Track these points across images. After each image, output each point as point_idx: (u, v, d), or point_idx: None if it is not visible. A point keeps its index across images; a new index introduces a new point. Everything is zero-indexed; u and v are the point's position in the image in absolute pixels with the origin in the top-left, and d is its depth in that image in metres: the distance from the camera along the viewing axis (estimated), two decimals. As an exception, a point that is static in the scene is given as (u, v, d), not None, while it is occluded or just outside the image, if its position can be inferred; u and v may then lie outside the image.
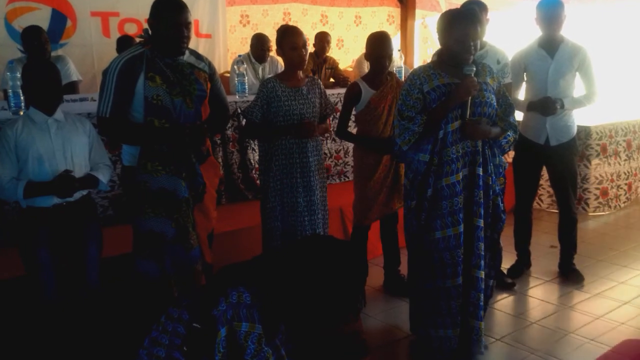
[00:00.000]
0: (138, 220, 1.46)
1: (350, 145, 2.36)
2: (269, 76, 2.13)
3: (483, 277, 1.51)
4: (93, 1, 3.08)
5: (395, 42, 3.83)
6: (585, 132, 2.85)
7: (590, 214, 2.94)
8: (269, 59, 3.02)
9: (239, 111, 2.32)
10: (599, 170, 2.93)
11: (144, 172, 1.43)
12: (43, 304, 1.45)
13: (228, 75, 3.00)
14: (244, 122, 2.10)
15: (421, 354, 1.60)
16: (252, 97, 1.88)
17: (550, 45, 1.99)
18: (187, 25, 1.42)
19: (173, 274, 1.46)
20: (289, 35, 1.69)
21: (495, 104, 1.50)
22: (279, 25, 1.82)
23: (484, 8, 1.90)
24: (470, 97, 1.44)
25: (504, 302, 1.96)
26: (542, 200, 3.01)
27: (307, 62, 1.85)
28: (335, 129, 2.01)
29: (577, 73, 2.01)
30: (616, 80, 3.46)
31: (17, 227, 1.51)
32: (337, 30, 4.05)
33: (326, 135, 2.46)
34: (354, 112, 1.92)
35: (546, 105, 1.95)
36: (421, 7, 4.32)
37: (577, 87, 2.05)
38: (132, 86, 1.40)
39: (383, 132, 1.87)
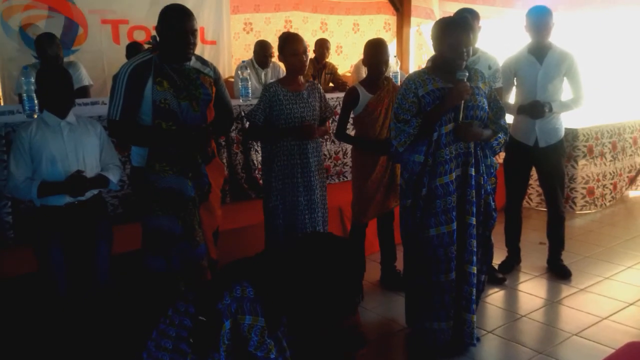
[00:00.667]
0: (147, 219, 1.50)
1: (349, 147, 2.40)
2: (271, 81, 2.16)
3: (475, 272, 1.56)
4: (104, 10, 3.16)
5: (392, 49, 3.91)
6: (572, 134, 2.92)
7: (578, 212, 3.00)
8: (271, 64, 3.09)
9: (243, 114, 2.37)
10: (585, 170, 3.00)
11: (152, 173, 1.48)
12: (55, 300, 1.49)
13: (232, 80, 3.03)
14: (247, 124, 2.16)
15: (417, 345, 1.64)
16: (255, 101, 1.92)
17: (539, 51, 2.04)
18: (193, 32, 1.47)
19: (180, 269, 1.50)
20: (290, 42, 1.74)
21: (486, 107, 1.55)
22: (281, 33, 1.86)
23: (476, 16, 1.96)
24: (463, 101, 1.49)
25: (495, 296, 2.02)
26: (531, 199, 3.07)
27: (307, 67, 1.89)
28: (334, 132, 2.06)
29: (565, 78, 2.07)
30: (603, 84, 3.55)
31: (31, 225, 1.56)
32: (336, 37, 4.17)
33: (326, 137, 2.51)
34: (352, 115, 1.98)
35: (535, 109, 2.01)
36: (416, 15, 4.42)
37: (565, 91, 2.11)
38: (141, 90, 1.45)
39: (380, 134, 1.93)
